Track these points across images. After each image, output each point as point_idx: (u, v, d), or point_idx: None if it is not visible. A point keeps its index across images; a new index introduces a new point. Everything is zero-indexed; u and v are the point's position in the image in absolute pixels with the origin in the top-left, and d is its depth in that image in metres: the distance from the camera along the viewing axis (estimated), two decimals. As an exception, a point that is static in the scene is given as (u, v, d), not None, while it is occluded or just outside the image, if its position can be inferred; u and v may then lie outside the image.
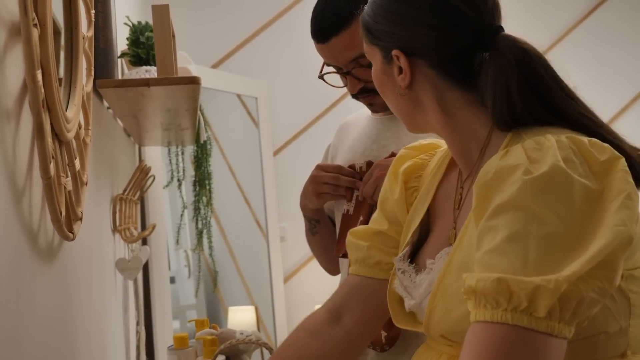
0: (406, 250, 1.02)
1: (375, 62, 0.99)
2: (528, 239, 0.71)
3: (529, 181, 0.74)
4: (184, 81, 1.38)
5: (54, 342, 0.92)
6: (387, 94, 0.99)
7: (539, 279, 0.69)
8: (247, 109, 3.38)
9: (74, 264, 1.09)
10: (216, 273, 3.17)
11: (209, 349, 1.43)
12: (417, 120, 0.98)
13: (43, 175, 0.75)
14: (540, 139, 0.78)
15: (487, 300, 0.72)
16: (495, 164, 0.79)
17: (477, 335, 0.72)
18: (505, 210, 0.75)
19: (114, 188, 1.70)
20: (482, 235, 0.76)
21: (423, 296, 0.93)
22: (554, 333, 0.70)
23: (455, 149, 0.96)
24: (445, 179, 1.03)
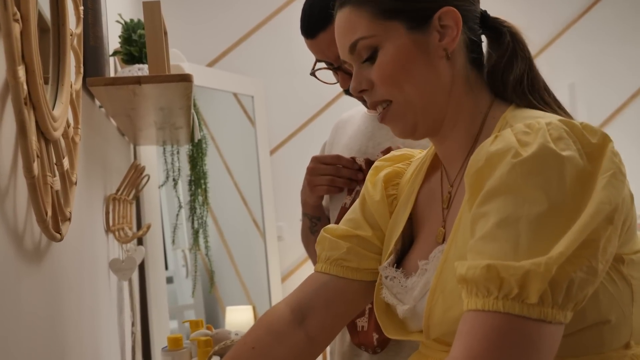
0: (391, 258, 0.99)
1: (391, 41, 0.88)
2: (519, 222, 0.70)
3: (518, 163, 0.72)
4: (176, 79, 1.36)
5: (41, 344, 0.90)
6: (415, 72, 0.89)
7: (528, 263, 0.67)
8: (243, 108, 3.36)
9: (64, 265, 1.08)
10: (213, 273, 3.15)
11: (203, 350, 1.41)
12: (438, 107, 0.91)
13: (26, 175, 0.73)
14: (531, 123, 0.77)
15: (479, 289, 0.70)
16: (485, 151, 0.77)
17: (468, 325, 0.70)
18: (495, 195, 0.73)
19: (107, 188, 1.68)
20: (474, 223, 0.75)
21: (418, 298, 0.91)
22: (547, 319, 0.68)
23: (455, 138, 0.93)
24: (425, 185, 1.01)
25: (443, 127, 0.92)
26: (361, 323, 1.36)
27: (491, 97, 0.92)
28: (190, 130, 2.03)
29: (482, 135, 0.90)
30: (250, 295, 3.32)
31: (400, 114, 0.91)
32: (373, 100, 0.93)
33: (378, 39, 0.89)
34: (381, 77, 0.89)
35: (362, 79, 0.92)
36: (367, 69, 0.91)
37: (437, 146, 0.97)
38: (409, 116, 0.91)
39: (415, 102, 0.90)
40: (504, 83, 0.90)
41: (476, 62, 0.92)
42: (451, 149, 0.94)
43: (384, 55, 0.89)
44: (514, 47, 0.91)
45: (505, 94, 0.91)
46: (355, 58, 0.92)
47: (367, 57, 0.90)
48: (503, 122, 0.87)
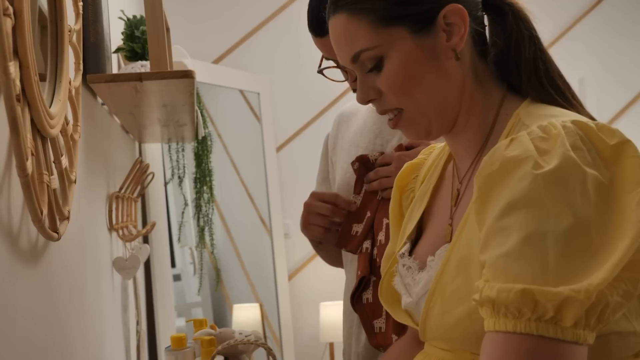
0: (407, 246, 0.98)
1: (396, 49, 0.85)
2: (545, 239, 0.67)
3: (540, 176, 0.69)
4: (178, 75, 1.34)
5: (39, 344, 0.89)
6: (425, 78, 0.85)
7: (567, 289, 0.65)
8: (249, 105, 3.35)
9: (63, 265, 1.06)
10: (219, 270, 3.14)
11: (207, 350, 1.39)
12: (451, 108, 0.88)
13: (20, 173, 0.71)
14: (546, 127, 0.74)
15: (508, 310, 0.67)
16: (500, 155, 0.74)
17: (498, 348, 0.68)
18: (517, 208, 0.70)
19: (110, 186, 1.67)
20: (491, 236, 0.71)
21: (420, 295, 0.89)
22: (579, 341, 0.66)
23: (467, 135, 0.90)
24: (441, 179, 1.00)
25: (456, 125, 0.90)
26: (379, 324, 1.34)
27: (502, 91, 0.89)
28: (195, 127, 2.01)
29: (494, 133, 0.87)
30: (257, 293, 3.31)
31: (413, 121, 0.88)
32: (383, 108, 0.90)
33: (382, 49, 0.85)
34: (390, 87, 0.86)
35: (369, 89, 0.89)
36: (372, 78, 0.88)
37: (449, 142, 0.95)
38: (422, 122, 0.88)
39: (427, 108, 0.87)
40: (517, 71, 0.87)
41: (482, 54, 0.89)
42: (462, 146, 0.92)
43: (390, 64, 0.85)
44: (519, 28, 0.87)
45: (519, 85, 0.87)
46: (359, 67, 0.88)
47: (372, 67, 0.86)
48: (516, 119, 0.84)
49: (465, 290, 0.78)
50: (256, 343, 1.32)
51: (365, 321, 1.36)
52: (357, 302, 1.38)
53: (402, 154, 1.34)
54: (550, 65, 0.88)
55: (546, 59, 0.88)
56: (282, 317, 3.24)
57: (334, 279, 2.73)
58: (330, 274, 2.00)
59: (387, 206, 1.35)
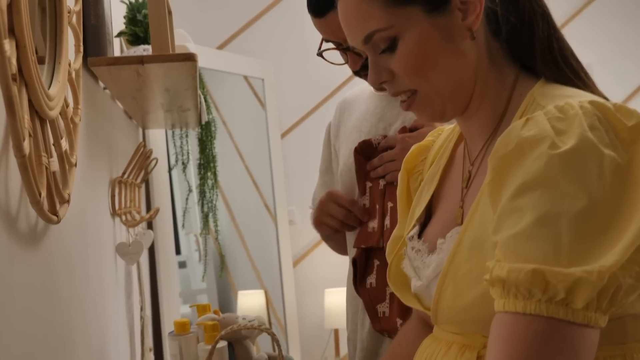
0: (415, 229, 0.96)
1: (411, 29, 0.82)
2: (559, 220, 0.65)
3: (556, 156, 0.68)
4: (179, 58, 1.33)
5: (39, 330, 0.88)
6: (440, 59, 0.83)
7: (579, 270, 0.63)
8: (254, 91, 3.33)
9: (64, 248, 1.05)
10: (223, 257, 3.14)
11: (210, 335, 1.39)
12: (465, 89, 0.86)
13: (17, 154, 0.70)
14: (563, 107, 0.72)
15: (518, 290, 0.66)
16: (516, 135, 0.72)
17: (507, 329, 0.67)
18: (531, 188, 0.68)
19: (113, 171, 1.66)
20: (504, 216, 0.70)
21: (431, 277, 0.87)
22: (590, 324, 0.65)
23: (480, 116, 0.88)
24: (451, 161, 0.98)
25: (469, 106, 0.88)
26: (382, 309, 1.33)
27: (515, 71, 0.87)
28: (198, 112, 2.00)
29: (508, 114, 0.85)
30: (262, 280, 3.31)
31: (427, 102, 0.86)
32: (396, 90, 0.88)
33: (396, 29, 0.82)
34: (404, 68, 0.84)
35: (381, 70, 0.86)
36: (385, 59, 0.85)
37: (461, 123, 0.93)
38: (436, 103, 0.86)
39: (442, 89, 0.85)
40: (531, 50, 0.85)
41: (496, 33, 0.86)
42: (475, 127, 0.90)
43: (404, 45, 0.83)
44: (531, 5, 0.85)
45: (534, 66, 0.86)
46: (371, 48, 0.86)
47: (385, 48, 0.84)
48: (530, 99, 0.82)
49: (478, 272, 0.76)
50: (259, 328, 1.31)
51: (369, 306, 1.35)
52: (360, 287, 1.37)
53: (405, 135, 1.32)
54: (564, 44, 0.86)
55: (559, 38, 0.86)
56: (287, 303, 3.24)
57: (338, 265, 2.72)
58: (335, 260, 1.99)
59: (392, 190, 1.34)
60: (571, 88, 0.82)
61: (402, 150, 1.32)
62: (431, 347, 0.90)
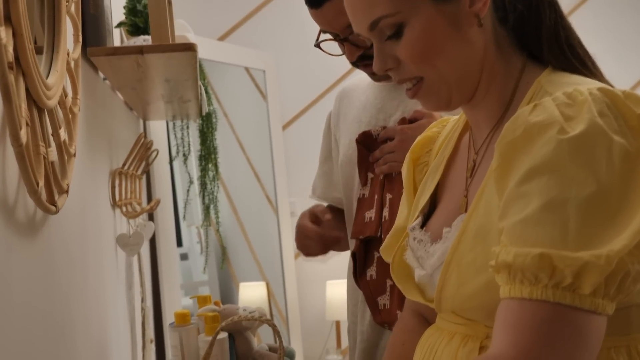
0: (419, 219, 0.96)
1: (417, 16, 0.81)
2: (566, 205, 0.65)
3: (565, 141, 0.67)
4: (179, 48, 1.32)
5: (38, 320, 0.87)
6: (447, 46, 0.82)
7: (587, 254, 0.63)
8: (255, 82, 3.32)
9: (63, 239, 1.05)
10: (224, 249, 3.14)
11: (210, 326, 1.39)
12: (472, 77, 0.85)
13: (13, 143, 0.70)
14: (572, 93, 0.72)
15: (525, 276, 0.65)
16: (523, 120, 0.71)
17: (513, 315, 0.66)
18: (538, 174, 0.67)
19: (114, 162, 1.65)
20: (510, 202, 0.69)
21: (435, 266, 0.87)
22: (597, 310, 0.64)
23: (487, 104, 0.87)
24: (456, 151, 0.97)
25: (475, 95, 0.87)
26: (383, 301, 1.33)
27: (522, 59, 0.86)
28: (199, 103, 1.99)
29: (515, 102, 0.85)
30: (264, 272, 3.30)
31: (434, 90, 0.85)
32: (401, 77, 0.87)
33: (402, 16, 0.81)
34: (410, 55, 0.83)
35: (387, 57, 0.85)
36: (390, 46, 0.84)
37: (467, 112, 0.92)
38: (442, 91, 0.85)
39: (449, 77, 0.84)
40: (538, 38, 0.84)
41: (503, 21, 0.85)
42: (481, 115, 0.89)
43: (410, 32, 0.82)
44: None
45: (540, 54, 0.85)
46: (376, 35, 0.85)
47: (391, 35, 0.83)
48: (537, 86, 0.81)
49: (483, 260, 0.76)
50: (260, 319, 1.31)
51: (369, 298, 1.35)
52: (360, 280, 1.37)
53: (404, 127, 1.32)
54: (571, 32, 0.86)
55: (566, 26, 0.85)
56: (289, 295, 3.24)
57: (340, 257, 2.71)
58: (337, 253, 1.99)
59: (391, 182, 1.34)
60: (579, 76, 0.81)
61: (401, 142, 1.31)
62: (433, 337, 0.89)
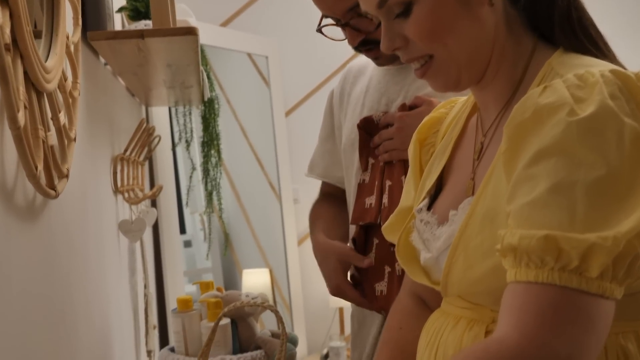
0: (425, 201, 0.95)
1: None
2: (574, 188, 0.64)
3: (574, 123, 0.66)
4: (180, 32, 1.30)
5: (38, 306, 0.87)
6: (457, 25, 0.81)
7: (594, 235, 0.62)
8: (257, 69, 3.30)
9: (64, 224, 1.04)
10: (227, 235, 3.13)
11: (213, 312, 1.38)
12: (482, 57, 0.83)
13: (11, 125, 0.69)
14: (583, 75, 0.70)
15: (530, 259, 0.64)
16: (533, 102, 0.70)
17: (519, 299, 0.65)
18: (547, 156, 0.66)
19: (115, 148, 1.65)
20: (518, 185, 0.69)
21: (441, 249, 0.86)
22: (605, 294, 0.63)
23: (496, 85, 0.86)
24: (463, 133, 0.96)
25: (485, 76, 0.86)
26: (380, 287, 1.32)
27: (533, 40, 0.84)
28: (201, 89, 1.98)
29: (525, 83, 0.83)
30: (267, 258, 3.31)
31: (443, 69, 0.84)
32: (410, 56, 0.85)
33: None
34: (419, 33, 0.82)
35: (395, 36, 0.84)
36: (399, 24, 0.84)
37: (476, 93, 0.91)
38: (452, 70, 0.84)
39: (459, 56, 0.82)
40: (550, 21, 0.82)
41: (513, 1, 0.84)
42: (490, 97, 0.88)
43: (420, 9, 0.81)
44: None
45: (552, 35, 0.83)
46: (385, 13, 0.84)
47: (400, 13, 0.82)
48: (548, 68, 0.80)
49: (490, 244, 0.75)
50: (263, 305, 1.31)
51: (367, 284, 1.35)
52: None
53: (403, 114, 1.31)
54: (584, 13, 0.84)
55: (579, 7, 0.84)
56: (292, 282, 3.24)
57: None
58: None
59: (390, 168, 1.33)
60: (591, 58, 0.80)
61: (399, 130, 1.30)
62: (439, 321, 0.89)
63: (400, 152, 1.31)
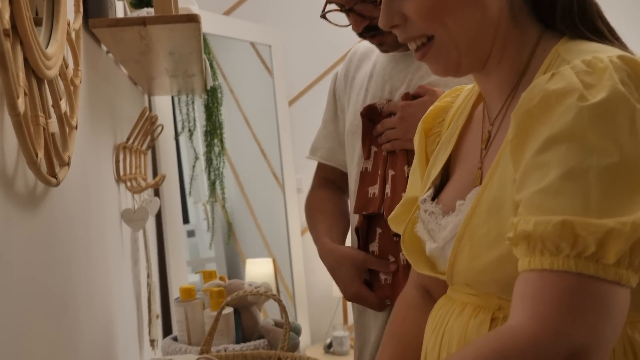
0: (430, 191, 0.94)
1: None
2: (587, 174, 0.62)
3: (586, 108, 0.64)
4: (182, 19, 1.29)
5: (39, 294, 0.87)
6: (458, 6, 0.80)
7: (612, 221, 0.60)
8: (261, 58, 3.29)
9: (66, 212, 1.04)
10: (230, 224, 3.13)
11: (216, 301, 1.38)
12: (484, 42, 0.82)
13: (10, 112, 0.68)
14: (591, 61, 0.69)
15: (545, 246, 0.63)
16: (541, 89, 0.69)
17: (533, 287, 0.63)
18: (557, 142, 0.65)
19: (118, 137, 1.64)
20: (528, 173, 0.67)
21: (447, 239, 0.85)
22: (621, 281, 0.61)
23: (500, 73, 0.84)
24: (469, 120, 0.95)
25: (488, 63, 0.84)
26: (384, 276, 1.32)
27: (539, 28, 0.83)
28: (204, 77, 1.97)
29: (530, 71, 0.82)
30: (270, 248, 3.30)
31: (443, 52, 0.82)
32: (407, 35, 0.84)
33: None
34: (419, 12, 0.80)
35: (394, 13, 0.83)
36: (399, 2, 0.82)
37: (480, 82, 0.90)
38: (452, 53, 0.82)
39: (459, 38, 0.81)
40: (552, 10, 0.81)
41: None
42: (494, 85, 0.86)
43: None
44: None
45: (554, 26, 0.82)
46: None
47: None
48: (554, 54, 0.78)
49: (496, 234, 0.74)
50: (265, 294, 1.30)
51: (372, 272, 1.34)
52: None
53: (406, 104, 1.30)
54: (590, 6, 0.82)
55: None
56: (295, 272, 3.24)
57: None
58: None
59: (393, 158, 1.32)
60: (597, 44, 0.78)
61: (401, 119, 1.29)
62: (445, 308, 0.88)
63: (403, 142, 1.30)
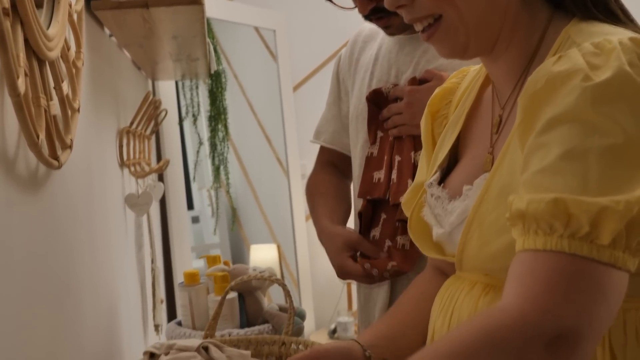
0: (436, 175, 0.92)
1: None
2: (587, 155, 0.61)
3: (589, 88, 0.63)
4: (185, 2, 1.28)
5: (42, 278, 0.86)
6: None
7: (606, 199, 0.59)
8: (265, 43, 3.27)
9: (68, 195, 1.03)
10: (234, 210, 3.12)
11: (220, 286, 1.38)
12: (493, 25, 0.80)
13: (11, 92, 0.67)
14: (600, 42, 0.68)
15: (539, 225, 0.62)
16: (546, 71, 0.68)
17: (525, 266, 0.62)
18: (559, 123, 0.64)
19: (121, 121, 1.63)
20: (530, 154, 0.66)
21: (455, 224, 0.84)
22: (617, 264, 0.60)
23: (509, 57, 0.83)
24: (476, 104, 0.93)
25: (496, 46, 0.83)
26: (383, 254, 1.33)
27: (549, 11, 0.81)
28: (208, 62, 1.95)
29: (540, 53, 0.80)
30: (275, 234, 3.30)
31: (451, 32, 0.81)
32: (414, 16, 0.82)
33: None
34: None
35: None
36: None
37: (488, 66, 0.88)
38: (460, 34, 0.80)
39: (468, 18, 0.79)
40: None
41: None
42: (504, 69, 0.85)
43: None
44: None
45: (564, 5, 0.80)
46: None
47: None
48: (565, 36, 0.77)
49: (505, 220, 0.73)
50: (270, 279, 1.30)
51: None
52: None
53: (413, 89, 1.28)
54: None
55: None
56: (300, 257, 3.24)
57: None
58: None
59: (400, 143, 1.31)
60: (610, 26, 0.77)
61: (408, 105, 1.27)
62: (454, 286, 0.87)
63: (409, 127, 1.28)
